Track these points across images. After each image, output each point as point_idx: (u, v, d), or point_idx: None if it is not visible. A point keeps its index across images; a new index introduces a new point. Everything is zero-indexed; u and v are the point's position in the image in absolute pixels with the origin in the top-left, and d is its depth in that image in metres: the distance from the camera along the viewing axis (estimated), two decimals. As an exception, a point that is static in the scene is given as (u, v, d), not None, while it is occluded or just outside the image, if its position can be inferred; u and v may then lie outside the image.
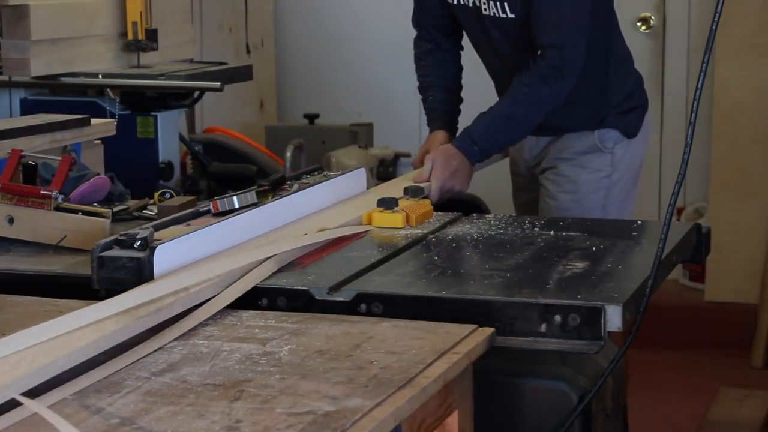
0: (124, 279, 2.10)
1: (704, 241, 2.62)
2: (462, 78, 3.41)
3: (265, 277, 2.17)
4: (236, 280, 2.13)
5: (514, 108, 3.10)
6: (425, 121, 3.36)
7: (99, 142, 3.21)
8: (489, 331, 1.97)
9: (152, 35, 4.71)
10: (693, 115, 2.14)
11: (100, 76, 4.45)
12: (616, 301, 2.01)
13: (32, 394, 1.64)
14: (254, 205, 2.50)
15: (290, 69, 6.36)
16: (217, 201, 2.50)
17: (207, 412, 1.60)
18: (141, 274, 2.09)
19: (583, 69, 3.15)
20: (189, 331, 1.96)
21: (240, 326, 1.99)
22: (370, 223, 2.59)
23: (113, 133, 3.24)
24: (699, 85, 2.11)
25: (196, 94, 4.67)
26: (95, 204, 2.57)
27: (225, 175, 4.85)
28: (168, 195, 2.82)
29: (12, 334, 1.78)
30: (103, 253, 2.12)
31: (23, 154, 2.61)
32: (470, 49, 3.36)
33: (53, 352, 1.73)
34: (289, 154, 5.25)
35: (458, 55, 3.42)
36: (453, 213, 2.75)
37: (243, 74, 4.94)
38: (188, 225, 2.37)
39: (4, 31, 4.23)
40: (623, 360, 2.29)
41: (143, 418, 1.59)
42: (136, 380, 1.73)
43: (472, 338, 1.93)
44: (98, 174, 2.71)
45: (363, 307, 2.07)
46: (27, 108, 4.39)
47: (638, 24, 5.80)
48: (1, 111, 4.40)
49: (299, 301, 2.10)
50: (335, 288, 2.12)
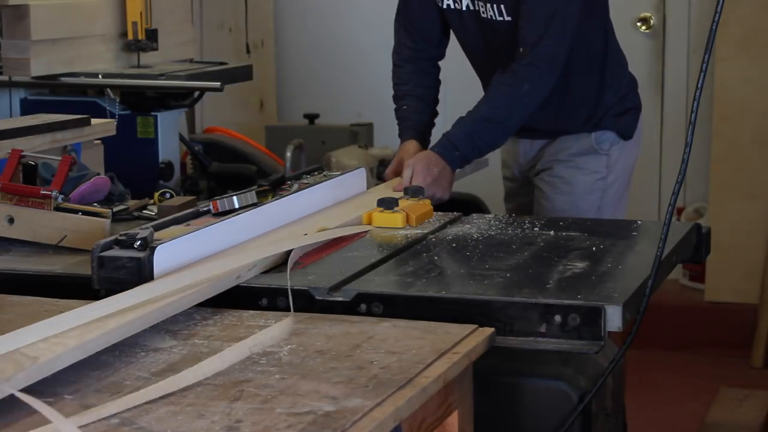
0: (124, 279, 2.10)
1: (704, 241, 2.62)
2: (439, 92, 3.38)
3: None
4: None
5: (493, 110, 3.05)
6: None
7: (99, 142, 3.21)
8: (489, 331, 1.97)
9: (152, 35, 4.71)
10: (693, 115, 2.14)
11: (100, 76, 4.45)
12: (616, 301, 2.01)
13: (31, 391, 1.64)
14: (254, 205, 2.50)
15: (290, 69, 6.36)
16: (217, 201, 2.50)
17: (207, 412, 1.60)
18: (141, 274, 2.09)
19: (581, 70, 3.15)
20: (189, 331, 1.96)
21: (240, 326, 1.99)
22: (370, 223, 2.59)
23: (113, 133, 3.24)
24: (699, 85, 2.11)
25: (196, 94, 4.67)
26: (95, 204, 2.57)
27: (225, 175, 4.85)
28: (168, 195, 2.82)
29: (12, 331, 1.78)
30: (103, 253, 2.12)
31: (23, 154, 2.61)
32: (461, 56, 3.35)
33: (54, 348, 1.73)
34: (289, 154, 5.24)
35: (438, 67, 3.38)
36: (453, 213, 2.75)
37: (243, 74, 4.94)
38: (188, 225, 2.37)
39: (4, 31, 4.23)
40: (622, 360, 2.29)
41: (143, 418, 1.59)
42: (136, 380, 1.73)
43: (472, 338, 1.93)
44: (98, 174, 2.71)
45: (363, 307, 2.07)
46: (27, 108, 4.39)
47: (638, 24, 5.80)
48: (1, 111, 4.40)
49: (299, 301, 2.10)
50: (335, 288, 2.12)
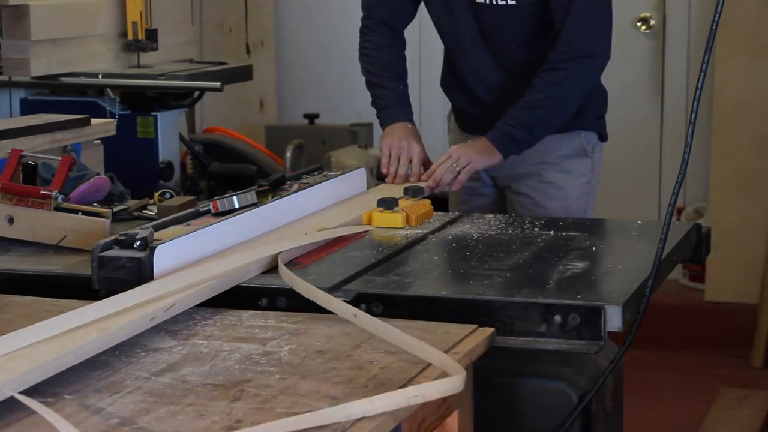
0: (124, 279, 2.10)
1: (704, 241, 2.62)
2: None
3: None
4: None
5: (550, 102, 2.98)
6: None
7: (99, 142, 3.21)
8: (489, 331, 1.97)
9: (152, 35, 4.72)
10: (693, 115, 2.14)
11: (100, 76, 4.45)
12: (616, 301, 2.01)
13: (31, 392, 1.64)
14: (254, 205, 2.50)
15: (290, 69, 6.36)
16: (217, 201, 2.50)
17: (207, 412, 1.60)
18: (141, 274, 2.09)
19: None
20: (189, 331, 1.96)
21: (240, 326, 1.99)
22: (370, 223, 2.59)
23: (113, 133, 3.24)
24: (699, 85, 2.11)
25: (196, 94, 4.68)
26: (95, 204, 2.57)
27: (225, 175, 4.85)
28: (168, 195, 2.82)
29: (12, 332, 1.78)
30: (103, 253, 2.13)
31: (23, 154, 2.61)
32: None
33: (53, 350, 1.73)
34: (289, 154, 5.25)
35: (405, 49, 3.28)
36: (453, 213, 2.75)
37: (243, 74, 4.94)
38: (188, 225, 2.37)
39: (4, 31, 4.23)
40: (622, 360, 2.29)
41: (143, 418, 1.59)
42: (136, 380, 1.73)
43: (472, 338, 1.93)
44: (98, 174, 2.71)
45: (363, 307, 2.07)
46: (27, 108, 4.39)
47: (638, 24, 5.80)
48: (1, 111, 4.40)
49: (299, 301, 2.10)
50: (335, 288, 2.12)
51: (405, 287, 2.14)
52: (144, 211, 2.72)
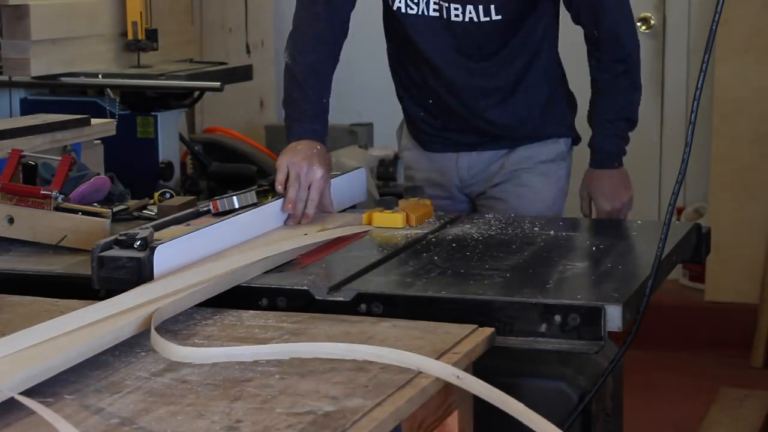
0: (124, 279, 2.10)
1: (704, 241, 2.62)
2: None
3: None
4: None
5: (625, 106, 3.08)
6: None
7: (99, 142, 3.21)
8: (489, 331, 1.97)
9: (152, 35, 4.72)
10: (693, 115, 2.14)
11: (100, 76, 4.45)
12: (616, 301, 2.01)
13: (31, 392, 1.64)
14: (254, 205, 2.50)
15: (290, 69, 6.34)
16: (217, 201, 2.50)
17: (207, 412, 1.60)
18: (141, 274, 2.09)
19: (560, 69, 3.04)
20: (189, 331, 1.96)
21: (240, 326, 1.99)
22: (370, 223, 2.59)
23: (113, 133, 3.24)
24: (699, 85, 2.11)
25: (196, 94, 4.68)
26: (95, 204, 2.57)
27: (225, 175, 4.85)
28: (168, 195, 2.82)
29: (12, 333, 1.78)
30: (103, 253, 2.13)
31: (23, 154, 2.62)
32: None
33: (53, 351, 1.73)
34: (289, 154, 5.24)
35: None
36: (453, 213, 2.75)
37: (243, 74, 4.94)
38: (188, 225, 2.37)
39: (4, 31, 4.24)
40: (622, 360, 2.29)
41: (143, 418, 1.59)
42: (136, 380, 1.73)
43: (472, 338, 1.93)
44: (98, 174, 2.71)
45: (363, 307, 2.07)
46: (27, 108, 4.40)
47: (638, 24, 5.80)
48: (1, 111, 4.41)
49: (299, 301, 2.10)
50: (335, 288, 2.12)
51: (405, 287, 2.14)
52: (144, 211, 2.72)
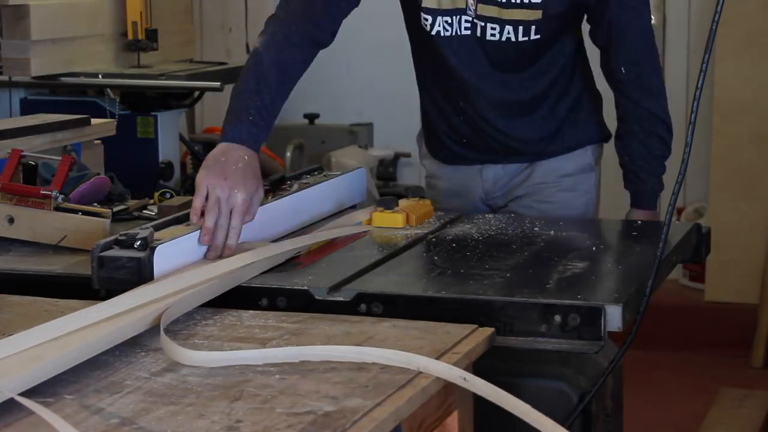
0: (124, 279, 2.10)
1: (704, 241, 2.62)
2: None
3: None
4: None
5: (655, 142, 3.16)
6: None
7: (99, 142, 3.21)
8: (489, 331, 1.97)
9: (152, 35, 4.72)
10: (693, 115, 2.14)
11: (100, 76, 4.45)
12: (616, 301, 2.01)
13: (31, 392, 1.64)
14: (254, 205, 2.49)
15: (290, 69, 6.35)
16: (217, 201, 2.49)
17: (207, 412, 1.60)
18: (141, 274, 2.09)
19: (589, 76, 2.93)
20: (189, 331, 1.96)
21: (240, 326, 1.99)
22: (370, 223, 2.59)
23: (113, 133, 3.24)
24: (699, 85, 2.11)
25: (196, 94, 4.68)
26: (95, 204, 2.57)
27: (225, 175, 4.84)
28: (168, 195, 2.82)
29: (13, 334, 1.78)
30: (103, 253, 2.12)
31: (23, 154, 2.61)
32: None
33: (52, 351, 1.73)
34: (289, 154, 5.25)
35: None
36: (453, 213, 2.75)
37: (243, 74, 4.93)
38: (188, 225, 2.37)
39: (4, 31, 4.24)
40: (622, 360, 2.29)
41: (143, 418, 1.59)
42: (136, 380, 1.73)
43: (472, 338, 1.93)
44: (98, 174, 2.71)
45: (363, 307, 2.07)
46: (27, 108, 4.40)
47: (638, 24, 5.79)
48: (1, 111, 4.41)
49: (299, 301, 2.10)
50: (335, 288, 2.12)
51: (405, 287, 2.14)
52: (144, 211, 2.72)
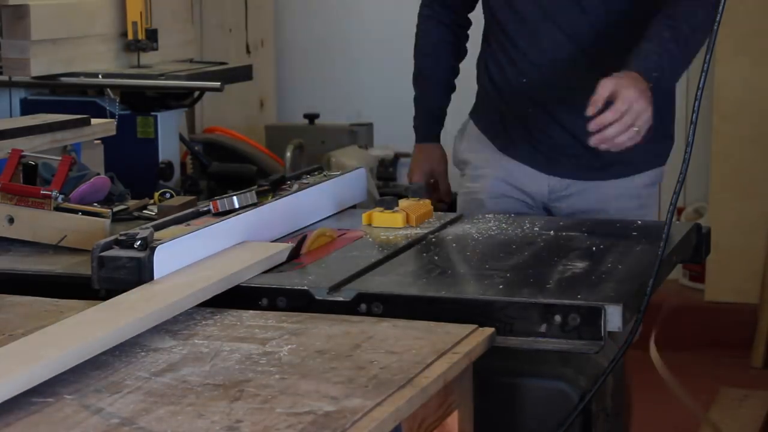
0: (124, 279, 2.09)
1: (704, 241, 2.62)
2: None
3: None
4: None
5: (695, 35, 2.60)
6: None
7: (99, 142, 3.21)
8: (489, 331, 1.97)
9: (152, 35, 4.72)
10: (694, 115, 2.14)
11: (100, 76, 4.45)
12: (616, 301, 2.01)
13: (31, 391, 1.64)
14: (254, 205, 2.50)
15: (290, 69, 6.36)
16: (217, 201, 2.50)
17: (207, 412, 1.60)
18: (141, 274, 2.09)
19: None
20: (189, 331, 1.96)
21: (240, 326, 1.99)
22: (370, 223, 2.59)
23: (113, 133, 3.23)
24: (700, 85, 2.11)
25: (196, 94, 4.68)
26: (95, 204, 2.57)
27: (225, 175, 4.86)
28: (168, 195, 2.82)
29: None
30: (103, 253, 2.12)
31: (23, 154, 2.61)
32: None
33: (54, 350, 1.74)
34: (289, 154, 5.25)
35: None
36: (453, 213, 2.75)
37: (243, 74, 4.95)
38: (188, 225, 2.37)
39: (4, 31, 4.24)
40: (622, 360, 2.29)
41: (143, 418, 1.59)
42: (136, 380, 1.73)
43: (472, 338, 1.93)
44: (98, 174, 2.71)
45: (363, 307, 2.07)
46: (27, 108, 4.40)
47: (638, 24, 5.79)
48: (1, 111, 4.40)
49: (299, 301, 2.10)
50: (335, 288, 2.12)
51: (405, 287, 2.14)
52: (144, 211, 2.71)
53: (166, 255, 2.12)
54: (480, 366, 1.96)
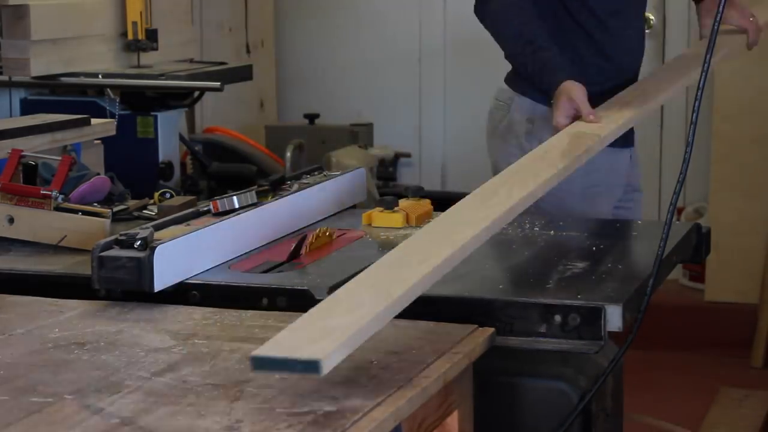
0: (124, 279, 2.10)
1: (704, 241, 2.62)
2: None
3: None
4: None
5: None
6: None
7: (99, 142, 3.21)
8: (489, 331, 1.97)
9: (152, 35, 4.72)
10: (694, 114, 2.14)
11: (100, 76, 4.45)
12: (616, 301, 2.01)
13: (31, 391, 1.64)
14: (254, 205, 2.50)
15: (290, 69, 6.36)
16: (217, 201, 2.50)
17: (207, 412, 1.60)
18: (141, 274, 2.09)
19: None
20: (189, 331, 1.96)
21: (240, 326, 1.99)
22: (370, 223, 2.59)
23: (113, 133, 3.24)
24: (699, 85, 2.11)
25: (196, 94, 4.68)
26: (95, 204, 2.57)
27: (225, 175, 4.85)
28: (168, 195, 2.82)
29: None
30: (103, 253, 2.12)
31: (23, 154, 2.61)
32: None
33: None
34: (289, 154, 5.25)
35: None
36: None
37: (243, 74, 4.94)
38: (188, 225, 2.37)
39: (4, 31, 4.24)
40: (622, 360, 2.29)
41: (143, 418, 1.59)
42: (136, 380, 1.73)
43: (472, 338, 1.93)
44: (98, 174, 2.71)
45: (363, 307, 2.07)
46: (27, 108, 4.40)
47: (638, 24, 5.79)
48: (1, 111, 4.40)
49: (299, 301, 2.10)
50: (335, 288, 2.11)
51: (405, 287, 2.13)
52: (144, 211, 2.72)
53: (166, 255, 2.12)
54: (480, 366, 1.96)
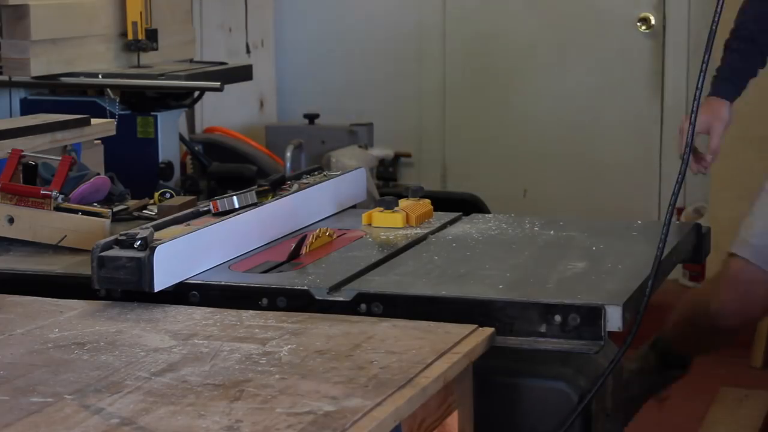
0: (124, 279, 2.10)
1: (704, 241, 2.62)
2: None
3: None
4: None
5: None
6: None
7: (99, 142, 3.21)
8: (489, 331, 1.97)
9: (152, 35, 4.72)
10: (693, 115, 2.14)
11: (100, 76, 4.45)
12: (616, 301, 2.01)
13: (31, 391, 1.64)
14: (254, 205, 2.50)
15: (290, 69, 6.36)
16: (217, 201, 2.50)
17: (207, 412, 1.60)
18: (141, 274, 2.09)
19: None
20: (189, 331, 1.96)
21: (240, 326, 1.99)
22: (370, 223, 2.59)
23: (113, 133, 3.24)
24: (699, 85, 2.11)
25: (196, 94, 4.68)
26: (95, 204, 2.57)
27: (225, 175, 4.85)
28: (168, 195, 2.82)
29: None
30: (103, 253, 2.12)
31: (23, 154, 2.62)
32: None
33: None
34: (289, 154, 5.25)
35: None
36: (453, 213, 2.75)
37: (243, 74, 4.94)
38: (188, 225, 2.37)
39: (4, 31, 4.24)
40: (622, 360, 2.29)
41: (143, 418, 1.59)
42: (136, 380, 1.73)
43: (472, 338, 1.93)
44: (98, 174, 2.71)
45: (363, 307, 2.07)
46: (27, 108, 4.40)
47: (638, 24, 5.80)
48: (1, 111, 4.40)
49: (299, 301, 2.10)
50: (335, 288, 2.12)
51: (405, 287, 2.14)
52: (144, 211, 2.72)
53: (166, 255, 2.12)
54: (480, 366, 1.96)
